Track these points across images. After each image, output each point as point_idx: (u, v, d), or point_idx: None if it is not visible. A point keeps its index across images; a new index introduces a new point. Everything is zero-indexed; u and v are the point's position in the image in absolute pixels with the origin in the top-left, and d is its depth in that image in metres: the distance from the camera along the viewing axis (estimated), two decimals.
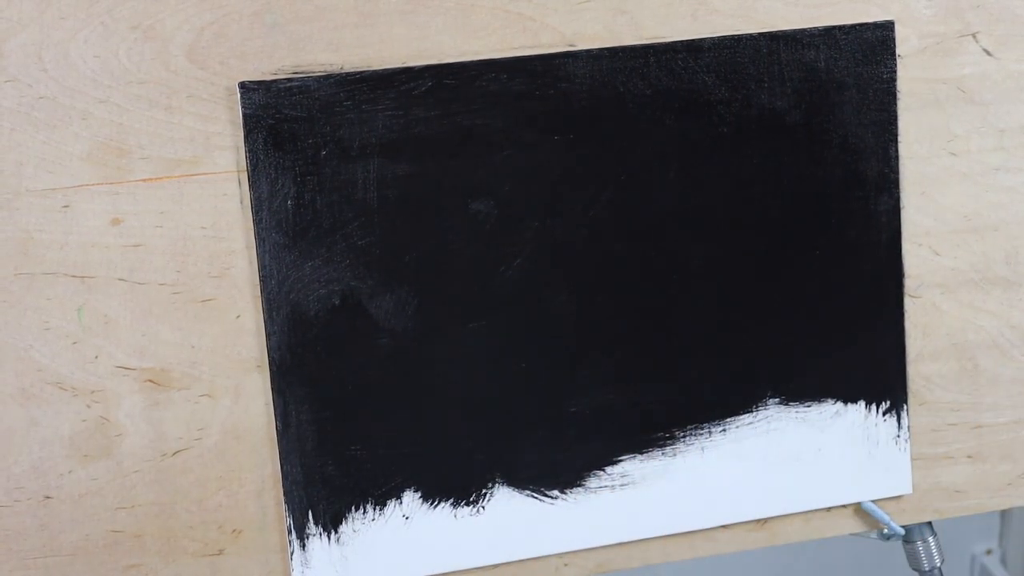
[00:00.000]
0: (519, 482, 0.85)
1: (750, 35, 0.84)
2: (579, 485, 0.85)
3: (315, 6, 0.79)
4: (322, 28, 0.79)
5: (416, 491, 0.83)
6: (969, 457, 0.91)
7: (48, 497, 0.79)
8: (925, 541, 0.92)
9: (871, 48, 0.86)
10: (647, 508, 0.86)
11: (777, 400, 0.87)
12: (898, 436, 0.89)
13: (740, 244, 0.85)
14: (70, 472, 0.79)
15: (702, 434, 0.87)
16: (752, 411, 0.87)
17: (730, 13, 0.84)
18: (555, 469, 0.85)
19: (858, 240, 0.87)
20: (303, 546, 0.82)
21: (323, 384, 0.81)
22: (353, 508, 0.82)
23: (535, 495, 0.85)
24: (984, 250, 0.90)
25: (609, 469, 0.86)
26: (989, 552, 1.68)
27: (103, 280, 0.78)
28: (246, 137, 0.78)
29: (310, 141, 0.79)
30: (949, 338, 0.90)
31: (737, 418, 0.87)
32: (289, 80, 0.78)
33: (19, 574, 0.79)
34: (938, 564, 0.93)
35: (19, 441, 0.79)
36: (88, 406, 0.79)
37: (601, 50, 0.82)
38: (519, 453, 0.84)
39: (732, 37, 0.84)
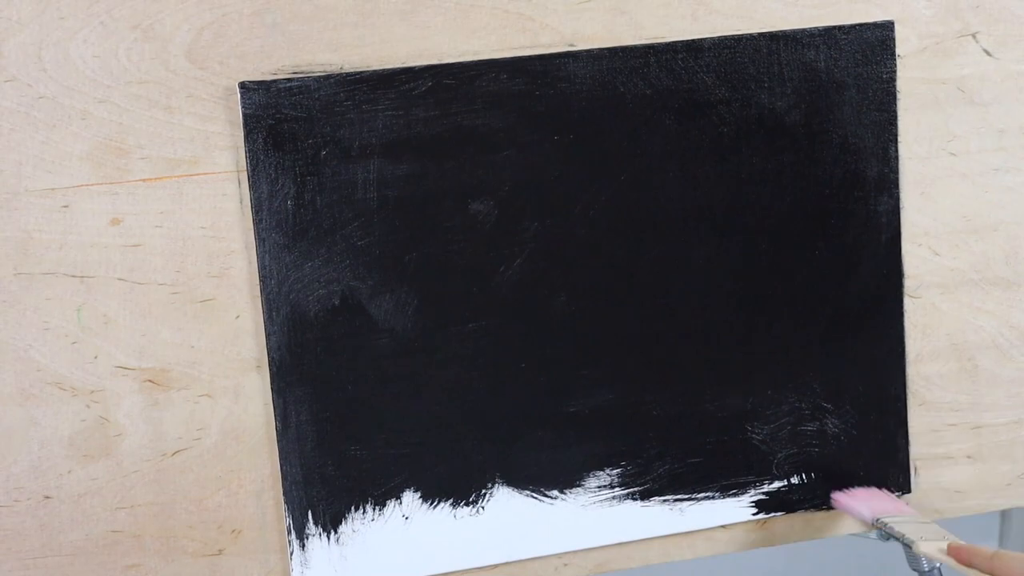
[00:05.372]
0: (519, 482, 0.85)
1: (750, 35, 0.84)
2: (579, 485, 0.85)
3: (315, 6, 0.79)
4: (322, 28, 0.79)
5: (416, 491, 0.83)
6: (969, 457, 0.91)
7: (48, 497, 0.79)
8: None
9: (871, 48, 0.86)
10: (647, 508, 0.86)
11: (776, 400, 0.87)
12: (898, 436, 0.89)
13: (740, 244, 0.85)
14: (70, 472, 0.79)
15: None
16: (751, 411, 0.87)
17: (730, 13, 0.84)
18: (555, 469, 0.85)
19: (858, 240, 0.87)
20: (303, 546, 0.82)
21: (323, 384, 0.81)
22: (353, 508, 0.82)
23: (535, 495, 0.85)
24: (984, 250, 0.90)
25: (609, 469, 0.86)
26: None
27: (102, 280, 0.78)
28: (246, 137, 0.78)
29: (310, 141, 0.79)
30: (949, 338, 0.90)
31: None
32: (289, 80, 0.78)
33: (19, 574, 0.79)
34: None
35: (19, 441, 0.79)
36: (87, 406, 0.79)
37: (601, 50, 0.82)
38: (519, 453, 0.84)
39: (732, 37, 0.84)
